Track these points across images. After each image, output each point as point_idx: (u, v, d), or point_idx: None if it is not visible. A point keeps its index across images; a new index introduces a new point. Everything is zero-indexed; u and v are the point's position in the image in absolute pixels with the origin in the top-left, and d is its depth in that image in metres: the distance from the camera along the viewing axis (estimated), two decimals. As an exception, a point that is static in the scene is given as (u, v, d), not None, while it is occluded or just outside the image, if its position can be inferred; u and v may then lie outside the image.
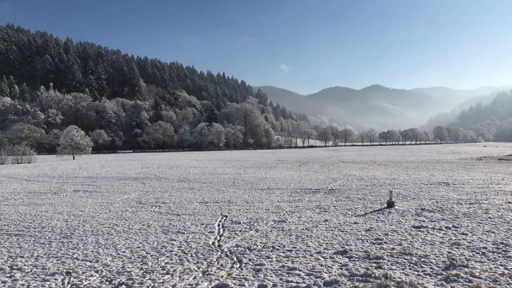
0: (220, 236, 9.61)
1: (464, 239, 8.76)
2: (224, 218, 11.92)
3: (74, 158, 75.40)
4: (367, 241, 8.79)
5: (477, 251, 7.86)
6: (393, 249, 8.12)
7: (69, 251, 8.50)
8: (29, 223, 11.86)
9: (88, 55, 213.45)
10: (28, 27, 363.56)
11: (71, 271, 7.16)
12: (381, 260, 7.35)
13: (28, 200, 17.05)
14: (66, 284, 6.52)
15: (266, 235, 9.54)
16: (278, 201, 15.06)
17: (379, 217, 11.48)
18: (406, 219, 11.10)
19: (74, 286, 6.43)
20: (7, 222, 12.10)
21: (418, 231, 9.70)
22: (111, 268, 7.29)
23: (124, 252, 8.34)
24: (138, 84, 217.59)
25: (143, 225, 11.14)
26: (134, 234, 10.02)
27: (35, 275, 7.01)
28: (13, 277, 6.92)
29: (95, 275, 6.90)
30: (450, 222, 10.53)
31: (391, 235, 9.31)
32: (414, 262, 7.28)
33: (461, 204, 13.50)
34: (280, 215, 12.13)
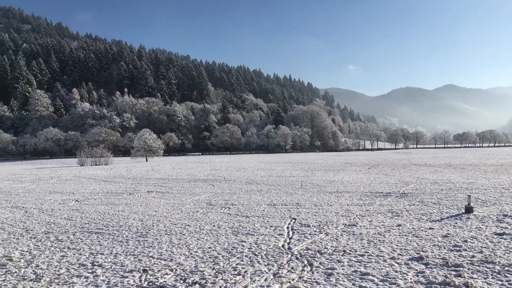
0: (290, 238, 9.58)
1: (554, 249, 8.09)
2: (293, 220, 11.87)
3: (147, 160, 78.71)
4: (444, 248, 8.36)
5: None
6: (473, 256, 7.67)
7: (145, 250, 8.85)
8: (108, 221, 12.51)
9: (159, 61, 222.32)
10: (105, 36, 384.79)
11: (148, 268, 7.44)
12: (461, 268, 6.96)
13: (106, 200, 18.02)
14: (143, 281, 6.79)
15: (336, 239, 9.37)
16: (347, 205, 14.77)
17: (456, 223, 10.90)
18: (487, 226, 10.44)
19: (150, 284, 6.68)
20: (87, 220, 12.85)
21: (501, 238, 9.09)
22: (184, 267, 7.49)
23: (196, 252, 8.54)
24: (206, 88, 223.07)
25: (214, 226, 11.36)
26: (205, 234, 10.24)
27: (115, 272, 7.36)
28: (94, 273, 7.31)
29: (170, 274, 7.12)
30: (537, 230, 9.77)
31: (470, 242, 8.80)
32: (497, 271, 6.82)
33: (549, 210, 12.51)
34: (350, 219, 11.88)
